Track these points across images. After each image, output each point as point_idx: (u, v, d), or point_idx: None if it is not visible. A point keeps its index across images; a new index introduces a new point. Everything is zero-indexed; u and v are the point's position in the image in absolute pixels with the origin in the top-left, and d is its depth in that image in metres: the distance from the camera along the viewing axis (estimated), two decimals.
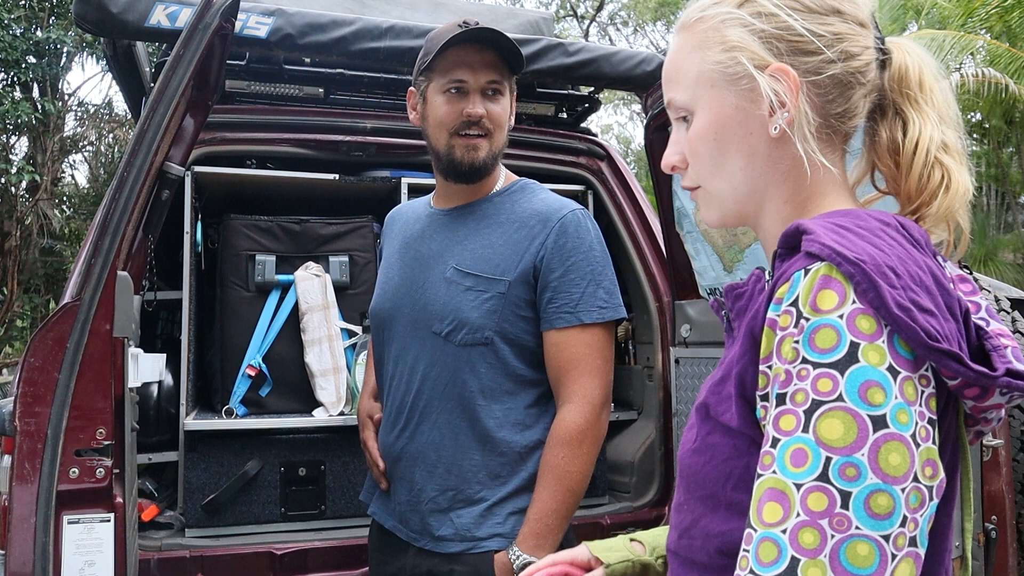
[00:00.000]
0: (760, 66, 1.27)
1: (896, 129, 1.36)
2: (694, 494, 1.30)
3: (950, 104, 1.37)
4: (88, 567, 2.89)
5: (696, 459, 1.29)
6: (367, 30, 3.93)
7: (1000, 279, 15.34)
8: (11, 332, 19.24)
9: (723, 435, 1.26)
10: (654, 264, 4.52)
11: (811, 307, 1.11)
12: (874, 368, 1.07)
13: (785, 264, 1.22)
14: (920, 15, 21.34)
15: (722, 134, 1.32)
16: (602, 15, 33.26)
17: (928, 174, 1.32)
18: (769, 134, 1.29)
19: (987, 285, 3.42)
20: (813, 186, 1.33)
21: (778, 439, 1.10)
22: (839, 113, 1.31)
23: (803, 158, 1.29)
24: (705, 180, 1.37)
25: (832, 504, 1.04)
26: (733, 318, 1.35)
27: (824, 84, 1.29)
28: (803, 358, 1.10)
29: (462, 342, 2.60)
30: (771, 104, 1.27)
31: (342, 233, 4.39)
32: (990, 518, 2.64)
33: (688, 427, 1.35)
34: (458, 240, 2.69)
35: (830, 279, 1.12)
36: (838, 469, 1.05)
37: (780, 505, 1.07)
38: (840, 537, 1.04)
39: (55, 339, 2.87)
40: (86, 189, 21.09)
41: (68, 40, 16.15)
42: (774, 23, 1.28)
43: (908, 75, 1.36)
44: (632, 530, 4.29)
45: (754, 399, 1.21)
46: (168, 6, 3.70)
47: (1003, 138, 25.47)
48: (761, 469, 1.11)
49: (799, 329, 1.11)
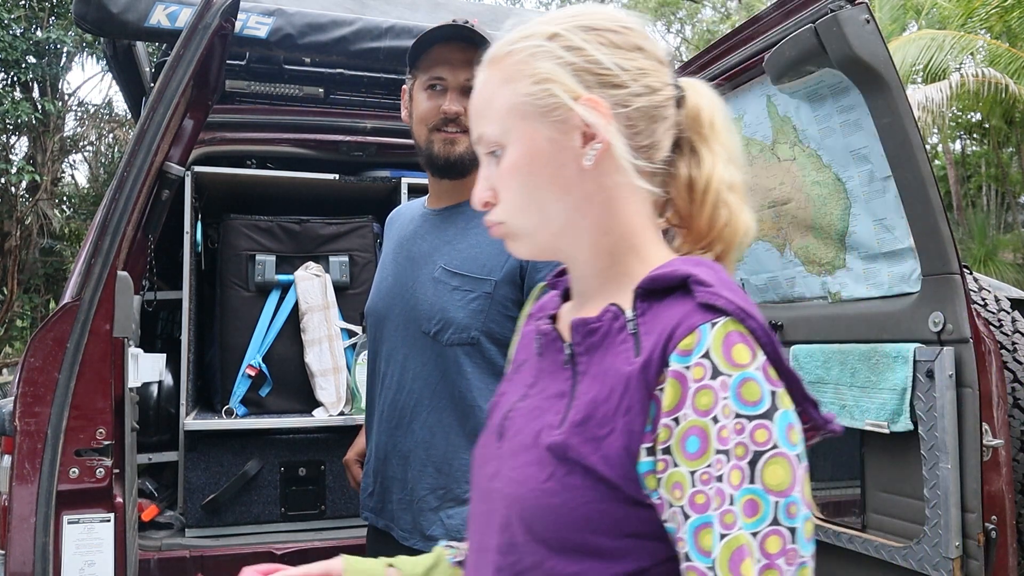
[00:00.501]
0: (572, 97, 1.27)
1: (693, 166, 1.38)
2: (537, 535, 1.25)
3: (737, 145, 1.42)
4: (88, 567, 2.89)
5: (550, 500, 1.24)
6: (367, 30, 3.94)
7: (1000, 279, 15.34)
8: (11, 332, 19.22)
9: (585, 478, 1.22)
10: None
11: (728, 362, 1.15)
12: (789, 411, 1.16)
13: (656, 307, 1.24)
14: (920, 15, 21.35)
15: (535, 167, 1.31)
16: None
17: (716, 212, 1.37)
18: (582, 166, 1.29)
19: (987, 285, 3.42)
20: (630, 217, 1.34)
21: (731, 494, 1.12)
22: (646, 146, 1.32)
23: (617, 189, 1.30)
24: (516, 215, 1.35)
25: (784, 543, 1.11)
26: (580, 352, 1.32)
27: (632, 117, 1.30)
28: (736, 413, 1.13)
29: (448, 342, 2.58)
30: (584, 135, 1.28)
31: (342, 233, 4.40)
32: (990, 518, 2.64)
33: (524, 463, 1.29)
34: (447, 240, 2.68)
35: (740, 334, 1.17)
36: (785, 510, 1.12)
37: (750, 560, 1.10)
38: (793, 568, 1.11)
39: (55, 339, 2.87)
40: (86, 189, 21.08)
41: (68, 40, 16.13)
42: (583, 56, 1.29)
43: (701, 115, 1.39)
44: None
45: (638, 451, 1.20)
46: (168, 6, 3.71)
47: (1003, 138, 25.50)
48: (721, 526, 1.12)
49: (720, 384, 1.14)
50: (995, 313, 3.26)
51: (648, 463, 1.19)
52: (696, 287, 1.21)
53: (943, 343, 2.71)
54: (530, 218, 1.34)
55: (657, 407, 1.18)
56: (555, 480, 1.24)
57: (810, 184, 3.12)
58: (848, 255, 3.08)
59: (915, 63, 17.45)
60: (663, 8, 32.59)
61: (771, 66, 3.00)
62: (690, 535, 1.14)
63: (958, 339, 2.68)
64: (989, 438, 2.65)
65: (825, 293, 3.25)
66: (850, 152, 2.93)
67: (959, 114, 24.62)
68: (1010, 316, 3.28)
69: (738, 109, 3.41)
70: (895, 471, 2.93)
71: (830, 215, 3.08)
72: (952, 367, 2.67)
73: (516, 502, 1.27)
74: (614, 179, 1.30)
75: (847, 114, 2.90)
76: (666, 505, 1.17)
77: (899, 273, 2.89)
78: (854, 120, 2.88)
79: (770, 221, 3.37)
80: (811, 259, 3.24)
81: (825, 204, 3.09)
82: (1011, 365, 3.15)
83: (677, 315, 1.20)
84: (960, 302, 2.68)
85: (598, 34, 1.31)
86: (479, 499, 1.42)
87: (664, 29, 34.68)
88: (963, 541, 2.65)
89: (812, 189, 3.12)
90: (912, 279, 2.84)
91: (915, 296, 2.83)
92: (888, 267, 2.93)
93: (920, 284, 2.81)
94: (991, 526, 2.64)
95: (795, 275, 3.36)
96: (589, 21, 1.32)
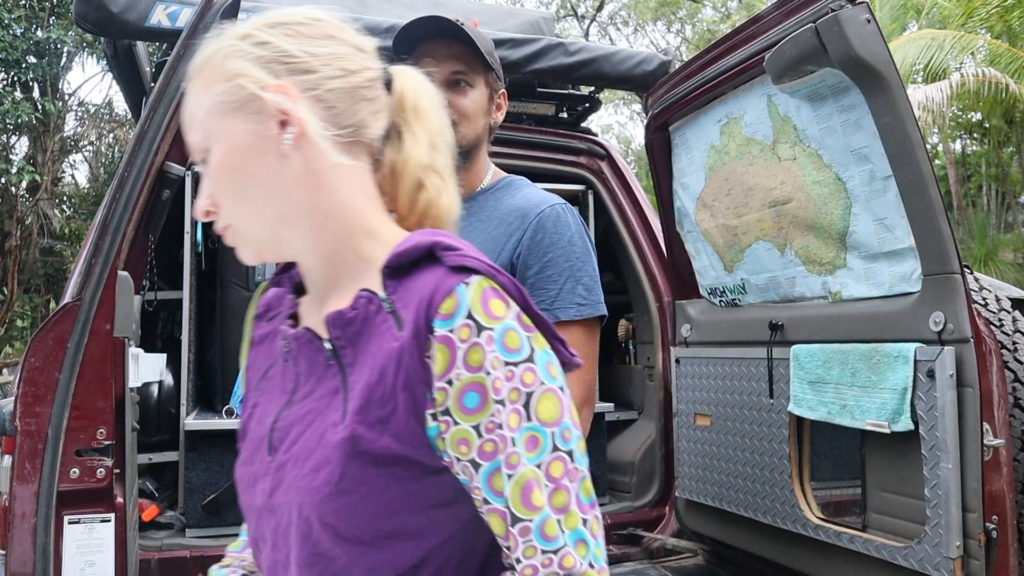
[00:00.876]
0: (262, 87, 1.30)
1: (395, 149, 1.43)
2: (345, 535, 1.28)
3: (444, 132, 1.48)
4: (89, 567, 2.89)
5: (349, 498, 1.26)
6: (367, 30, 3.93)
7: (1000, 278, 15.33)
8: (11, 332, 19.21)
9: (379, 466, 1.26)
10: (654, 264, 4.53)
11: (489, 316, 1.23)
12: (545, 350, 1.27)
13: (406, 282, 1.29)
14: (920, 15, 21.34)
15: (239, 162, 1.32)
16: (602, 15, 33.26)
17: (416, 195, 1.43)
18: (284, 152, 1.31)
19: (988, 285, 3.42)
20: (349, 199, 1.36)
21: (512, 437, 1.22)
22: (350, 125, 1.35)
23: (326, 172, 1.33)
24: (234, 215, 1.36)
25: (566, 465, 1.24)
26: (343, 345, 1.33)
27: (328, 99, 1.33)
28: (504, 362, 1.22)
29: None
30: (280, 123, 1.30)
31: None
32: (991, 518, 2.64)
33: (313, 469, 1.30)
34: None
35: (493, 290, 1.25)
36: (560, 437, 1.24)
37: (538, 489, 1.22)
38: (576, 484, 1.24)
39: (55, 339, 2.87)
40: (86, 189, 21.06)
41: (68, 40, 16.14)
42: (270, 49, 1.32)
43: (405, 99, 1.44)
44: (632, 530, 4.30)
45: (424, 418, 1.25)
46: (168, 6, 3.71)
47: (1003, 138, 25.49)
48: (507, 468, 1.22)
49: (486, 339, 1.22)
50: (996, 313, 3.26)
51: (435, 427, 1.24)
52: (444, 253, 1.27)
53: (944, 343, 2.71)
54: (247, 214, 1.35)
55: (429, 374, 1.23)
56: (350, 478, 1.26)
57: (811, 184, 3.12)
58: (849, 255, 3.08)
59: (915, 63, 17.45)
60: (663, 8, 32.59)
61: (772, 66, 3.00)
62: (484, 482, 1.23)
63: (959, 339, 2.68)
64: (990, 438, 2.65)
65: (826, 293, 3.25)
66: (851, 152, 2.93)
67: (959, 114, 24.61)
68: (1011, 316, 3.27)
69: (739, 109, 3.41)
70: (896, 471, 2.93)
71: (831, 215, 3.08)
72: (953, 367, 2.67)
73: (314, 510, 1.28)
74: (321, 162, 1.32)
75: (848, 114, 2.90)
76: (455, 461, 1.25)
77: (900, 273, 2.89)
78: (855, 120, 2.88)
79: (771, 221, 3.37)
80: (812, 259, 3.24)
81: (826, 204, 3.09)
82: (1012, 365, 3.15)
83: (431, 283, 1.25)
84: (961, 302, 2.68)
85: (286, 27, 1.35)
86: (260, 518, 1.40)
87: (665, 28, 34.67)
88: (964, 541, 2.65)
89: (813, 189, 3.12)
90: (913, 279, 2.84)
91: (916, 296, 2.83)
92: (889, 267, 2.93)
93: (921, 284, 2.81)
94: (992, 526, 2.64)
95: (796, 275, 3.36)
96: (278, 19, 1.36)
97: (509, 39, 4.23)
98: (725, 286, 3.83)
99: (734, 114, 3.45)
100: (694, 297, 4.09)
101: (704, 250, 3.88)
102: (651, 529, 4.36)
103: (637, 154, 33.36)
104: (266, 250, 1.39)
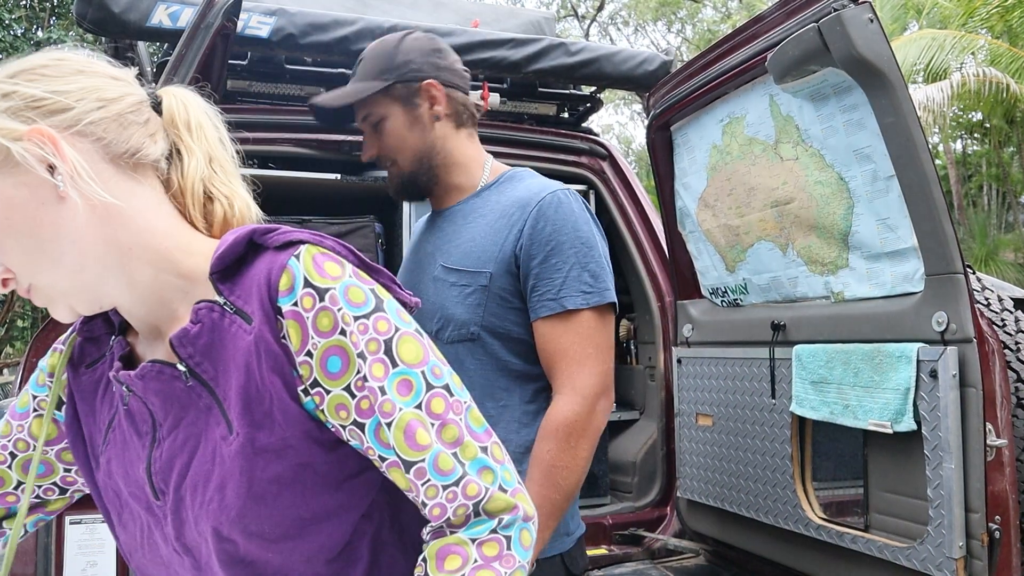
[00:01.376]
0: (15, 138, 1.25)
1: (176, 169, 1.41)
2: (273, 537, 1.28)
3: (223, 141, 1.49)
4: (90, 568, 2.89)
5: (262, 505, 1.26)
6: (368, 30, 3.94)
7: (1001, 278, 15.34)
8: (12, 332, 19.21)
9: (279, 459, 1.26)
10: (656, 264, 4.52)
11: (326, 278, 1.26)
12: (390, 300, 1.31)
13: (239, 279, 1.30)
14: (921, 15, 21.35)
15: (18, 218, 1.27)
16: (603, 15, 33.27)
17: (209, 207, 1.43)
18: (61, 195, 1.26)
19: (990, 285, 3.42)
20: (150, 224, 1.33)
21: (381, 386, 1.24)
22: (126, 151, 1.32)
23: (111, 201, 1.29)
24: (31, 274, 1.30)
25: (445, 399, 1.27)
26: (198, 362, 1.30)
27: (93, 131, 1.30)
28: (354, 316, 1.25)
29: (449, 339, 2.51)
30: (49, 167, 1.26)
31: (344, 233, 4.39)
32: (993, 518, 2.64)
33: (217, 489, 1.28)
34: (447, 238, 2.63)
35: (322, 254, 1.28)
36: (431, 374, 1.28)
37: (422, 428, 1.24)
38: (463, 415, 1.28)
39: (57, 338, 2.87)
40: None
41: (69, 40, 16.14)
42: (16, 98, 1.28)
43: (176, 117, 1.42)
44: (634, 530, 4.30)
45: (300, 397, 1.26)
46: (170, 6, 3.71)
47: (1004, 137, 25.50)
48: (385, 417, 1.24)
49: (331, 300, 1.24)
50: (998, 313, 3.26)
51: (310, 402, 1.26)
52: (264, 238, 1.30)
53: (947, 343, 2.71)
54: (43, 270, 1.30)
55: (289, 353, 1.25)
56: (258, 482, 1.26)
57: (813, 184, 3.12)
58: (851, 255, 3.08)
59: (916, 63, 17.46)
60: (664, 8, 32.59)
61: (774, 65, 3.00)
62: (372, 439, 1.26)
63: (962, 339, 2.68)
64: (993, 438, 2.64)
65: (828, 293, 3.24)
66: (853, 152, 2.93)
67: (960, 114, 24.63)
68: (1013, 316, 3.27)
69: (741, 109, 3.41)
70: (898, 471, 2.92)
71: (833, 215, 3.07)
72: (956, 367, 2.67)
73: (234, 526, 1.27)
74: (103, 196, 1.28)
75: (850, 113, 2.89)
76: (341, 429, 1.27)
77: (902, 273, 2.89)
78: (857, 119, 2.87)
79: (773, 221, 3.36)
80: (814, 259, 3.24)
81: (828, 204, 3.08)
82: (1015, 365, 3.15)
83: (263, 268, 1.27)
84: (964, 302, 2.68)
85: (27, 73, 1.30)
86: (171, 566, 1.38)
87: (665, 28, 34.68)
88: (967, 541, 2.65)
89: (815, 189, 3.12)
90: (915, 279, 2.84)
91: (918, 296, 2.83)
92: (891, 267, 2.93)
93: (923, 284, 2.80)
94: (995, 526, 2.63)
95: (798, 275, 3.36)
96: (17, 67, 1.31)
97: (510, 39, 4.23)
98: (727, 286, 3.83)
99: (736, 114, 3.44)
100: (696, 297, 4.09)
101: (706, 250, 3.88)
102: (653, 529, 4.36)
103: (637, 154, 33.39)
104: (78, 302, 1.34)
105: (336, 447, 1.29)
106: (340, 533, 1.32)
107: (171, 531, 1.34)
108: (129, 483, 1.40)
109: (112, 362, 1.43)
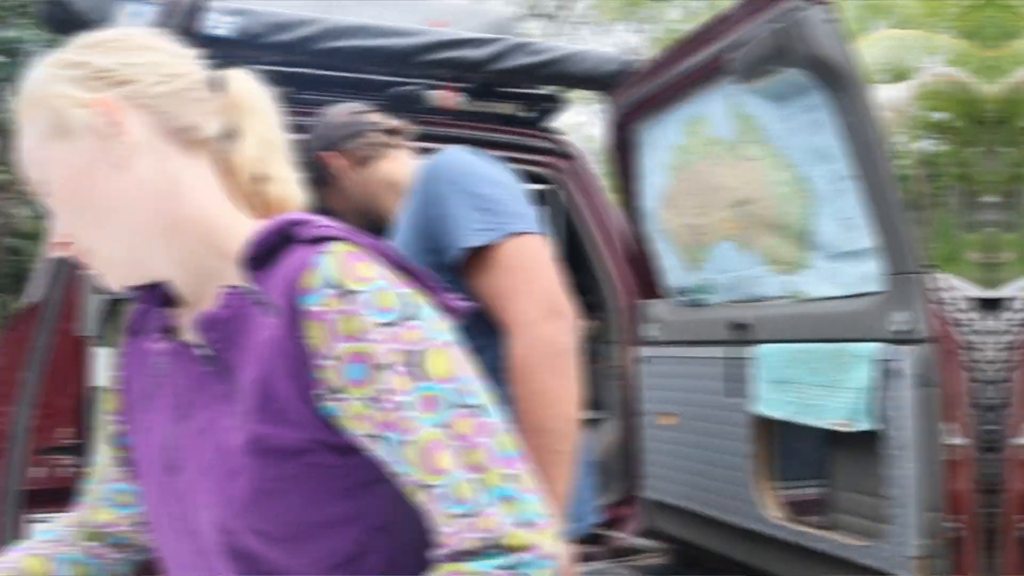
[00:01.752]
0: (82, 105, 1.29)
1: (234, 149, 1.42)
2: (275, 540, 1.26)
3: (276, 127, 1.48)
4: None
5: (269, 501, 1.24)
6: (333, 29, 3.93)
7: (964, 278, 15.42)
8: None
9: (290, 459, 1.23)
10: (619, 263, 4.53)
11: (357, 280, 1.19)
12: (427, 307, 1.23)
13: (271, 269, 1.26)
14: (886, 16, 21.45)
15: (80, 183, 1.30)
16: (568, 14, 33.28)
17: (262, 188, 1.43)
18: (120, 164, 1.30)
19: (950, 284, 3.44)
20: (201, 202, 1.35)
21: (404, 401, 1.16)
22: (183, 127, 1.35)
23: (167, 173, 1.32)
24: (90, 239, 1.34)
25: (475, 420, 1.18)
26: (220, 347, 1.29)
27: (154, 104, 1.33)
28: (381, 323, 1.18)
29: None
30: (109, 135, 1.29)
31: None
32: (952, 517, 2.66)
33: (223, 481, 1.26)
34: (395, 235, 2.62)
35: (356, 253, 1.22)
36: (461, 390, 1.19)
37: (443, 450, 1.15)
38: (493, 439, 1.18)
39: (20, 338, 2.86)
40: None
41: (32, 39, 16.01)
42: (87, 68, 1.32)
43: (238, 98, 1.44)
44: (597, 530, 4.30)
45: (317, 401, 1.21)
46: (133, 6, 3.69)
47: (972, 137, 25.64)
48: (404, 434, 1.16)
49: (361, 303, 1.18)
50: (958, 312, 3.29)
51: (331, 407, 1.21)
52: (297, 229, 1.26)
53: (906, 342, 2.73)
54: (101, 236, 1.33)
55: (310, 354, 1.20)
56: (267, 478, 1.23)
57: (774, 183, 3.14)
58: (812, 254, 3.10)
59: (880, 63, 17.55)
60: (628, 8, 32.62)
61: (736, 66, 3.01)
62: (391, 454, 1.18)
63: (921, 338, 2.70)
64: (951, 437, 2.67)
65: (790, 292, 3.26)
66: (814, 151, 2.95)
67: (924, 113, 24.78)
68: (973, 315, 3.30)
69: (703, 108, 3.42)
70: (860, 470, 2.95)
71: (794, 214, 3.09)
72: (915, 366, 2.69)
73: (239, 518, 1.25)
74: (160, 167, 1.31)
75: (812, 113, 2.91)
76: (361, 439, 1.21)
77: (862, 272, 2.91)
78: (818, 119, 2.89)
79: (735, 220, 3.38)
80: (776, 258, 3.26)
81: (789, 203, 3.10)
82: (973, 365, 3.17)
83: (292, 262, 1.23)
84: (923, 301, 2.70)
85: (100, 46, 1.35)
86: (177, 540, 1.38)
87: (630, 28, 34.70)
88: (925, 540, 2.67)
89: (776, 188, 3.13)
90: (876, 278, 2.86)
91: (879, 296, 2.85)
92: (852, 266, 2.95)
93: (883, 283, 2.82)
94: (954, 525, 2.66)
95: (760, 274, 3.38)
96: (91, 40, 1.36)
97: (472, 39, 4.23)
98: (690, 286, 3.84)
99: (698, 114, 3.46)
100: (659, 297, 4.10)
101: (669, 250, 3.89)
102: (616, 528, 4.37)
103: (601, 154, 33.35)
104: (130, 271, 1.37)
105: (350, 453, 1.24)
106: (349, 542, 1.26)
107: (177, 511, 1.34)
108: (149, 457, 1.41)
109: (151, 334, 1.43)
